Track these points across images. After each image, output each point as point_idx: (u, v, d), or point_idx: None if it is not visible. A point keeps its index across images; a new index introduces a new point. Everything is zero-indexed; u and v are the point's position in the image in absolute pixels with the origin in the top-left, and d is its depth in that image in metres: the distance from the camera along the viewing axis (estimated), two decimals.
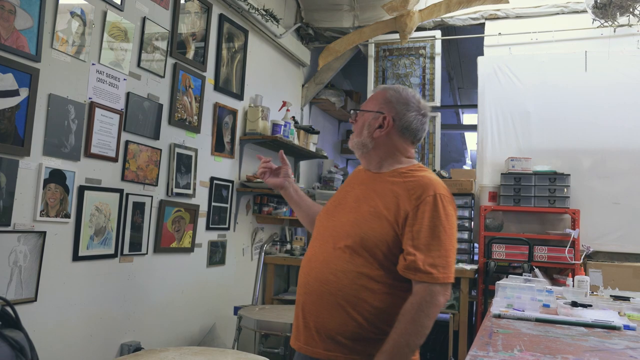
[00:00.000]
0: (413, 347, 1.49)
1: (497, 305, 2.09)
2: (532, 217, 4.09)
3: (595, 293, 2.65)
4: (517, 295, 2.24)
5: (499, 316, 1.90)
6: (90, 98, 2.65)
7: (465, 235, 4.30)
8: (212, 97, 3.65)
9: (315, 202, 2.04)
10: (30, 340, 1.31)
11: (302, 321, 1.66)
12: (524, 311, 1.98)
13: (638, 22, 3.64)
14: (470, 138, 7.88)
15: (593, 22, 3.54)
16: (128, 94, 2.88)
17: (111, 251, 2.81)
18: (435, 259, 1.53)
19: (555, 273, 3.83)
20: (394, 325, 1.52)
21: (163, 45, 3.14)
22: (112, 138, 2.78)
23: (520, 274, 3.15)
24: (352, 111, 1.80)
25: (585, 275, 3.26)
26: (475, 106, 4.54)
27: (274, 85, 4.52)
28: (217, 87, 3.69)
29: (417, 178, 1.65)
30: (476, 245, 4.27)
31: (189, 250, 3.42)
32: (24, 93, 2.32)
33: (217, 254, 3.74)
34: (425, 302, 1.50)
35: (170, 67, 3.22)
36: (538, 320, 1.83)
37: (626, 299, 2.42)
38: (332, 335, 1.58)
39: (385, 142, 1.72)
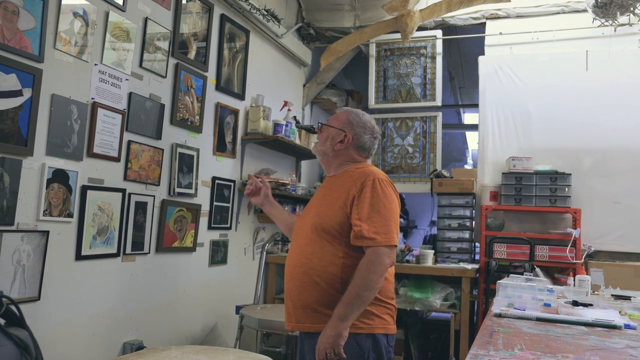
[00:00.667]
0: (364, 298, 1.85)
1: (498, 305, 2.10)
2: (533, 216, 4.09)
3: (596, 292, 2.66)
4: (518, 294, 2.25)
5: (499, 315, 1.90)
6: (92, 98, 2.66)
7: (467, 235, 4.31)
8: (213, 97, 3.66)
9: (291, 214, 2.47)
10: (35, 339, 1.33)
11: (290, 304, 2.03)
12: (524, 310, 1.99)
13: (639, 21, 3.64)
14: (472, 137, 7.88)
15: (593, 22, 3.55)
16: (130, 94, 2.90)
17: (114, 250, 2.82)
18: (378, 227, 1.90)
19: (557, 272, 3.84)
20: None
21: (165, 45, 3.16)
22: (114, 138, 2.79)
23: (522, 274, 3.16)
24: (318, 123, 2.21)
25: (587, 274, 3.26)
26: (476, 106, 4.55)
27: (276, 85, 4.53)
28: (218, 87, 3.70)
29: (360, 171, 2.05)
30: (477, 244, 4.28)
31: (191, 249, 3.44)
32: (27, 93, 2.33)
33: (218, 254, 3.75)
34: (372, 262, 1.87)
35: (172, 67, 3.23)
36: (539, 319, 1.84)
37: (627, 298, 2.42)
38: (315, 308, 1.94)
39: (343, 154, 2.13)
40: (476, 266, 3.94)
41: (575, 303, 2.09)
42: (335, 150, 2.11)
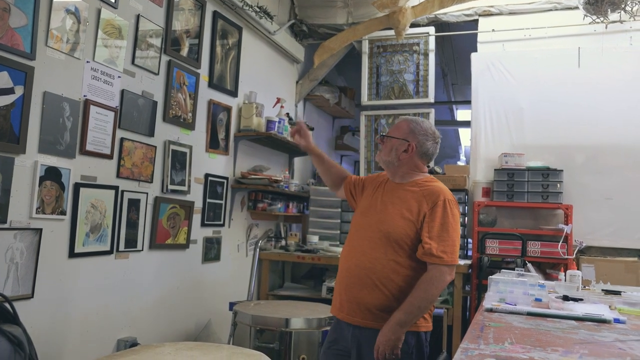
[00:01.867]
0: (422, 310, 2.05)
1: (490, 300, 2.12)
2: (525, 212, 4.12)
3: (587, 287, 2.68)
4: (509, 289, 2.27)
5: (491, 310, 1.92)
6: (85, 96, 2.66)
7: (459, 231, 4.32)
8: (206, 94, 3.65)
9: (340, 168, 2.59)
10: (28, 335, 1.33)
11: (345, 297, 2.18)
12: (516, 305, 2.01)
13: (630, 18, 3.67)
14: (465, 134, 7.91)
15: (584, 18, 3.57)
16: (122, 91, 2.89)
17: (107, 248, 2.82)
18: (445, 247, 2.04)
19: (549, 268, 3.87)
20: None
21: (157, 42, 3.15)
22: (107, 135, 2.78)
23: (514, 269, 3.19)
24: (380, 135, 2.35)
25: (578, 270, 3.29)
26: (469, 102, 4.57)
27: (268, 82, 4.53)
28: (211, 84, 3.70)
29: (430, 187, 2.17)
30: (470, 240, 4.30)
31: (184, 246, 3.44)
32: (19, 91, 2.33)
33: (212, 250, 3.75)
34: (436, 278, 2.03)
35: (164, 64, 3.23)
36: (530, 314, 1.85)
37: (617, 293, 2.45)
38: (368, 308, 2.11)
39: (408, 162, 2.22)
40: (469, 262, 3.96)
41: (565, 298, 2.12)
42: (401, 160, 2.21)
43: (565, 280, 2.55)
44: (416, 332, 2.11)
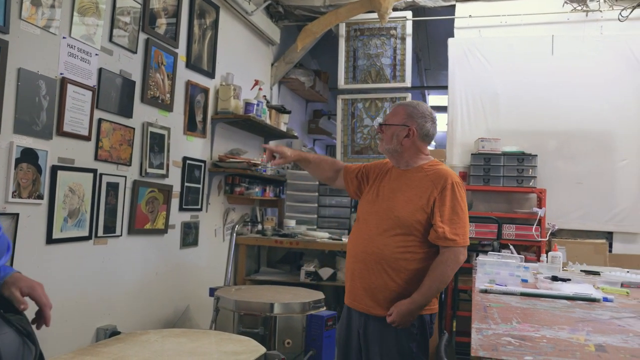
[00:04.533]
0: (438, 290, 2.12)
1: (481, 281, 2.16)
2: (500, 196, 4.21)
3: (565, 269, 2.76)
4: (496, 271, 2.32)
5: (485, 291, 1.95)
6: (61, 73, 2.53)
7: None
8: (184, 74, 3.55)
9: (333, 161, 2.58)
10: (32, 326, 1.27)
11: (352, 283, 2.22)
12: (506, 286, 2.05)
13: (610, 7, 3.76)
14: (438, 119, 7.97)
15: (564, 6, 3.63)
16: (100, 69, 2.77)
17: (85, 233, 2.72)
18: (457, 229, 2.08)
19: (522, 250, 3.97)
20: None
21: (135, 19, 3.03)
22: (84, 116, 2.67)
23: (492, 251, 3.25)
24: (379, 124, 2.29)
25: (552, 251, 3.39)
26: (441, 87, 4.62)
27: (245, 64, 4.44)
28: (189, 65, 3.59)
29: (436, 171, 2.18)
30: None
31: (163, 231, 3.36)
32: None
33: (190, 235, 3.68)
34: (451, 260, 2.06)
35: (142, 42, 3.11)
36: (523, 294, 1.90)
37: (597, 273, 2.53)
38: (375, 294, 2.13)
39: (411, 147, 2.22)
40: None
41: (554, 278, 2.17)
42: (404, 146, 2.21)
43: (547, 262, 2.62)
44: (420, 315, 2.14)
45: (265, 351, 2.23)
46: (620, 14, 3.95)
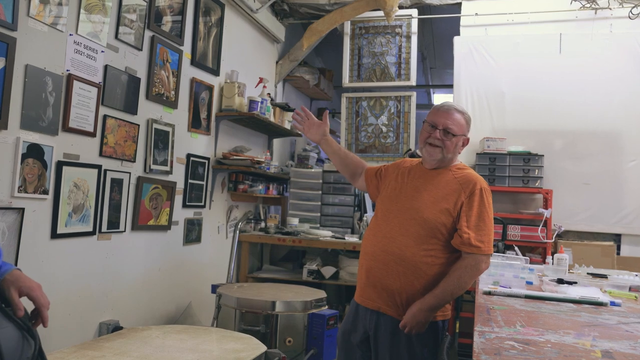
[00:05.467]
0: (453, 296, 2.00)
1: (484, 283, 2.15)
2: (505, 196, 4.19)
3: (571, 271, 2.75)
4: (500, 272, 2.30)
5: (489, 293, 1.94)
6: (68, 70, 2.53)
7: None
8: (189, 71, 3.55)
9: (357, 158, 2.47)
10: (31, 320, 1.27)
11: (366, 281, 2.13)
12: (511, 288, 2.04)
13: (620, 5, 3.72)
14: None
15: (572, 3, 3.59)
16: (106, 66, 2.77)
17: (89, 229, 2.72)
18: (482, 236, 1.99)
19: (528, 251, 3.95)
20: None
21: (141, 16, 3.03)
22: (90, 112, 2.67)
23: (497, 253, 3.23)
24: (446, 132, 2.07)
25: (558, 253, 3.37)
26: (447, 86, 4.60)
27: (250, 62, 4.43)
28: (193, 62, 3.59)
29: (465, 175, 2.09)
30: None
31: (166, 228, 3.36)
32: (0, 63, 2.20)
33: (193, 232, 3.68)
34: (472, 267, 1.97)
35: (147, 39, 3.11)
36: (528, 297, 1.88)
37: (604, 276, 2.51)
38: (391, 295, 2.04)
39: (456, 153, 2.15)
40: None
41: (560, 281, 2.16)
42: (458, 153, 2.16)
43: (553, 264, 2.60)
44: (434, 322, 2.05)
45: (265, 349, 2.23)
46: (630, 11, 3.91)
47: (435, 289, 1.97)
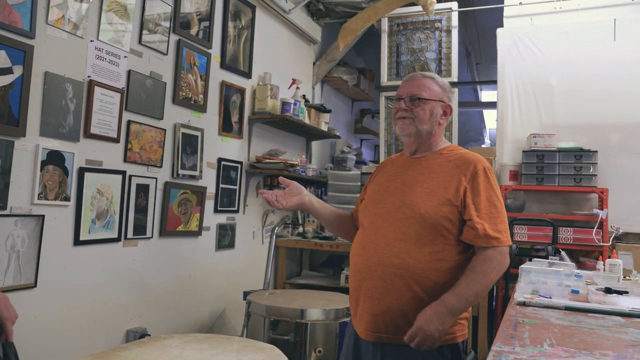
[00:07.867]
0: (478, 297, 1.66)
1: (521, 292, 1.93)
2: (555, 197, 3.89)
3: (627, 278, 2.47)
4: (542, 280, 2.08)
5: (523, 304, 1.74)
6: (89, 76, 2.53)
7: None
8: (218, 75, 3.50)
9: (333, 207, 2.10)
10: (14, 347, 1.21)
11: (362, 306, 1.76)
12: (551, 298, 1.83)
13: None
14: (490, 116, 7.62)
15: None
16: (129, 71, 2.75)
17: (114, 235, 2.70)
18: (499, 225, 1.69)
19: (582, 256, 3.65)
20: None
21: (165, 20, 3.00)
22: (113, 118, 2.65)
23: (545, 257, 2.99)
24: (412, 98, 1.78)
25: (610, 258, 3.08)
26: (494, 82, 4.33)
27: (284, 63, 4.35)
28: (223, 65, 3.54)
29: (460, 155, 1.78)
30: None
31: (197, 233, 3.32)
32: (17, 71, 2.20)
33: (226, 237, 3.63)
34: (497, 260, 1.67)
35: (173, 44, 3.08)
36: (568, 308, 1.67)
37: None
38: (395, 318, 1.68)
39: (441, 128, 1.84)
40: None
41: (608, 290, 1.92)
42: (440, 125, 1.81)
43: (604, 270, 2.35)
44: (454, 345, 1.72)
45: None
46: None
47: (455, 287, 1.62)
